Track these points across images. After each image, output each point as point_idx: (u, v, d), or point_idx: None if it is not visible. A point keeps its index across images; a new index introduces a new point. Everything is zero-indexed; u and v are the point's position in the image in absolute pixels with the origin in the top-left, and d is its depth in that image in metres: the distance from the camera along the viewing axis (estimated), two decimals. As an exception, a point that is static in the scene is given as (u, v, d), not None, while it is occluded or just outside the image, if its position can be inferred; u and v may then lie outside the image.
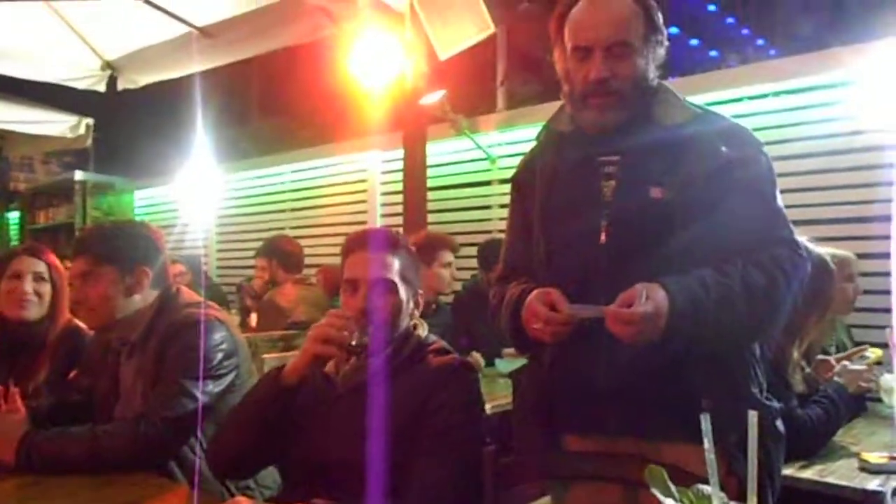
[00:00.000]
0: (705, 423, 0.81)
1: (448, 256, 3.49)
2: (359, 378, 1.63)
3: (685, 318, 1.25)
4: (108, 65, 4.61)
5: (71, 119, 5.51)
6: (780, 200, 1.44)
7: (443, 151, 4.76)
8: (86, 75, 4.62)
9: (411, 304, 1.68)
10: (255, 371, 2.08)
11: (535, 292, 1.39)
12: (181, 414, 1.71)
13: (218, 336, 1.85)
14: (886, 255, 2.96)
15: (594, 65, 1.40)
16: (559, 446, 1.48)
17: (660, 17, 1.45)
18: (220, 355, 1.83)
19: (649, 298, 1.24)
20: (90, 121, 5.60)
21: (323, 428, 1.62)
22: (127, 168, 7.81)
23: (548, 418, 1.46)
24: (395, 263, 1.64)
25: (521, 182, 1.60)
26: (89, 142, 5.78)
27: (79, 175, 7.38)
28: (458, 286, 3.83)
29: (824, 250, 2.16)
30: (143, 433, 1.66)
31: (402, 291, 1.64)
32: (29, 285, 2.25)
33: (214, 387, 1.80)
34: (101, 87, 4.68)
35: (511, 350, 2.87)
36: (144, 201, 7.56)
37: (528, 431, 1.51)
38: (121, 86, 4.66)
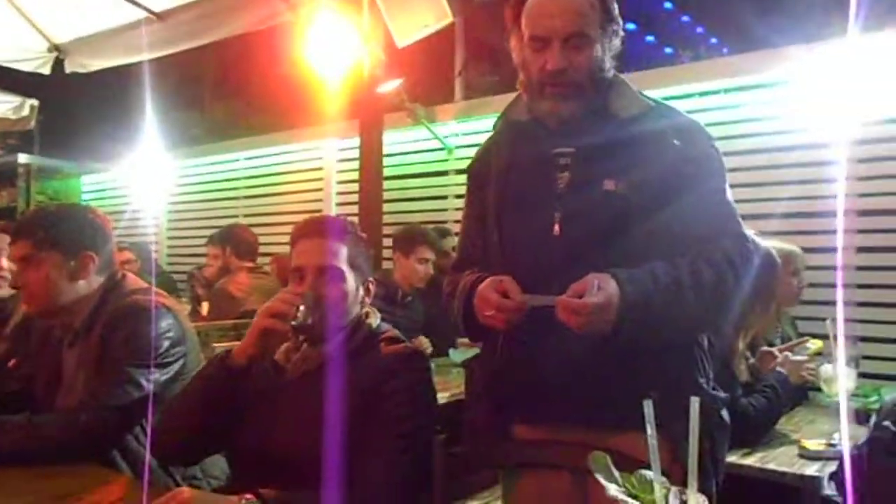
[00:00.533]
0: (647, 409, 0.81)
1: (427, 252, 3.53)
2: (309, 366, 1.62)
3: (635, 310, 1.27)
4: (55, 47, 4.46)
5: (14, 100, 5.31)
6: (730, 194, 1.46)
7: (399, 140, 4.74)
8: (31, 57, 4.47)
9: (361, 292, 1.66)
10: (204, 360, 2.03)
11: (487, 280, 1.39)
12: (125, 402, 1.67)
13: (165, 323, 1.81)
14: (831, 250, 3.05)
15: (552, 55, 1.40)
16: (509, 435, 1.48)
17: (616, 8, 1.46)
18: (166, 343, 1.79)
19: (601, 289, 1.25)
20: (34, 102, 5.40)
21: (272, 416, 1.59)
22: (74, 152, 7.58)
23: (498, 406, 1.47)
24: (343, 251, 1.62)
25: (477, 172, 1.60)
26: (33, 124, 5.57)
27: (22, 158, 7.13)
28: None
29: (770, 244, 2.22)
30: (83, 422, 1.62)
31: (351, 279, 1.62)
32: (5, 262, 2.17)
33: (160, 375, 1.75)
34: (47, 70, 4.53)
35: (465, 340, 2.89)
36: (92, 186, 7.36)
37: (479, 420, 1.52)
38: (69, 69, 4.52)
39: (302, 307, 1.50)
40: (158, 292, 1.94)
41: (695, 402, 0.79)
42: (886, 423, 1.42)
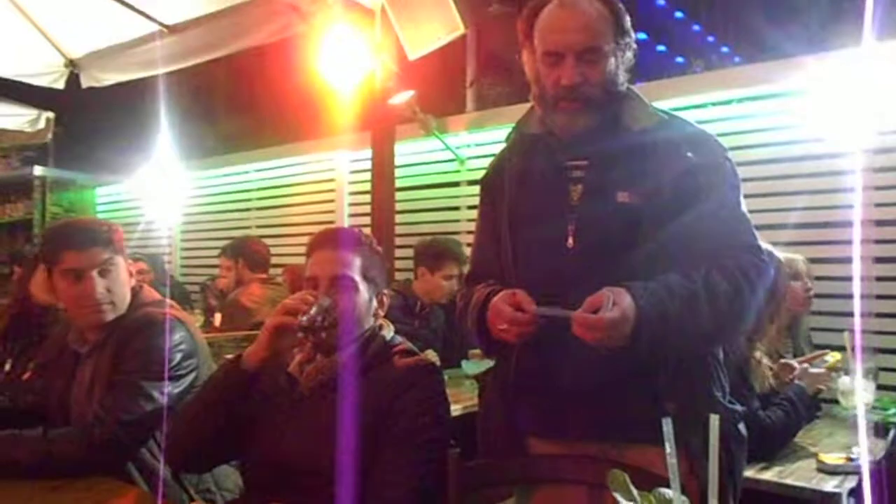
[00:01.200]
0: (667, 426, 0.80)
1: (453, 269, 3.41)
2: (322, 378, 1.61)
3: (651, 324, 1.26)
4: (70, 62, 4.51)
5: (30, 113, 5.37)
6: (745, 206, 1.45)
7: (411, 152, 4.74)
8: (47, 71, 4.52)
9: (374, 304, 1.66)
10: (217, 372, 2.03)
11: (500, 293, 1.38)
12: (138, 416, 1.67)
13: (178, 336, 1.82)
14: (846, 260, 3.02)
15: (566, 70, 1.39)
16: (524, 449, 1.47)
17: (628, 21, 1.46)
18: (179, 356, 1.79)
19: (616, 304, 1.24)
20: (50, 115, 5.46)
21: (285, 428, 1.59)
22: (89, 164, 7.64)
23: (512, 421, 1.46)
24: (357, 261, 1.62)
25: (490, 185, 1.60)
26: (49, 136, 5.64)
27: (38, 170, 7.19)
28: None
29: (782, 255, 2.20)
30: (97, 437, 1.62)
31: (364, 290, 1.62)
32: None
33: (173, 388, 1.76)
34: (62, 84, 4.58)
35: (477, 351, 2.87)
36: (106, 198, 7.41)
37: (493, 434, 1.51)
38: (84, 83, 4.56)
39: (314, 307, 1.49)
40: (171, 304, 1.95)
41: (714, 420, 0.78)
42: None
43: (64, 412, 1.84)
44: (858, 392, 1.93)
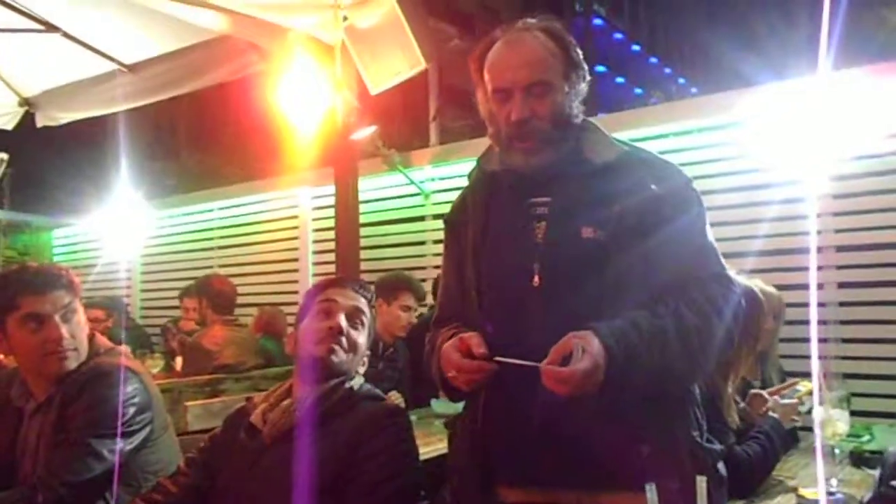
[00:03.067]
0: (651, 493, 0.75)
1: (409, 300, 3.42)
2: (285, 425, 1.54)
3: (620, 366, 1.21)
4: (25, 101, 4.40)
5: (-19, 154, 5.22)
6: (711, 235, 1.43)
7: (375, 187, 4.71)
8: (0, 112, 4.40)
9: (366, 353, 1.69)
10: (171, 423, 1.93)
11: (451, 339, 1.33)
12: (87, 477, 1.57)
13: (130, 388, 1.72)
14: (805, 286, 3.03)
15: (514, 106, 1.38)
16: (495, 498, 1.40)
17: (578, 53, 1.44)
18: (132, 410, 1.70)
19: (585, 352, 1.19)
20: (3, 156, 5.31)
21: (247, 482, 1.51)
22: (44, 206, 7.46)
23: (482, 469, 1.39)
24: (366, 308, 1.69)
25: (454, 223, 1.56)
26: (2, 177, 5.48)
27: (-9, 213, 7.00)
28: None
29: (752, 283, 2.19)
30: (41, 501, 1.51)
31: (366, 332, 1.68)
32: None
33: (125, 444, 1.66)
34: (12, 125, 4.46)
35: (447, 390, 2.79)
36: (63, 240, 7.21)
37: (463, 483, 1.44)
38: (40, 123, 4.46)
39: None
40: (123, 353, 1.85)
41: (702, 483, 0.73)
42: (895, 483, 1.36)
43: (7, 474, 1.72)
44: (816, 424, 1.89)
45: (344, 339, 1.60)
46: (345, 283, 1.72)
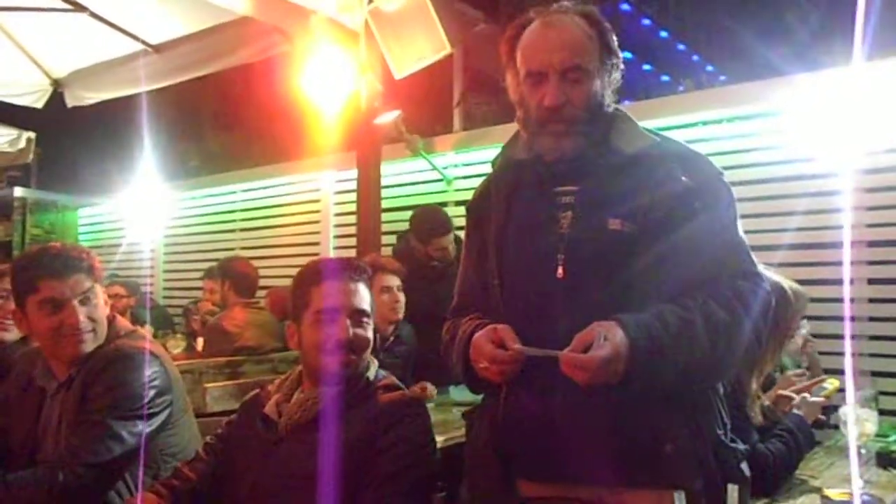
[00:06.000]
0: (679, 501, 0.72)
1: (386, 280, 3.13)
2: (301, 417, 1.53)
3: (644, 358, 1.19)
4: (54, 81, 4.46)
5: (11, 133, 5.28)
6: (741, 230, 1.39)
7: (398, 172, 4.68)
8: (30, 91, 4.45)
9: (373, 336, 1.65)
10: (190, 406, 1.94)
11: (482, 330, 1.31)
12: (107, 459, 1.57)
13: (151, 371, 1.72)
14: (839, 282, 2.97)
15: (549, 90, 1.34)
16: (514, 492, 1.38)
17: (614, 41, 1.40)
18: (152, 392, 1.70)
19: (607, 340, 1.17)
20: (31, 135, 5.37)
21: (263, 473, 1.51)
22: (71, 185, 7.54)
23: (501, 462, 1.37)
24: (367, 295, 1.63)
25: (477, 211, 1.53)
26: (31, 157, 5.54)
27: (18, 192, 7.06)
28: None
29: (780, 278, 2.14)
30: (60, 482, 1.52)
31: (371, 325, 1.62)
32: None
33: (145, 427, 1.66)
34: (43, 104, 4.52)
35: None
36: (88, 220, 7.29)
37: (482, 476, 1.42)
38: (69, 102, 4.51)
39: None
40: (144, 336, 1.85)
41: (733, 492, 0.70)
42: None
43: (29, 454, 1.73)
44: (850, 424, 1.85)
45: (353, 346, 1.55)
46: (337, 273, 1.60)
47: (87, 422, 1.62)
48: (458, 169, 4.53)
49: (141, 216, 6.11)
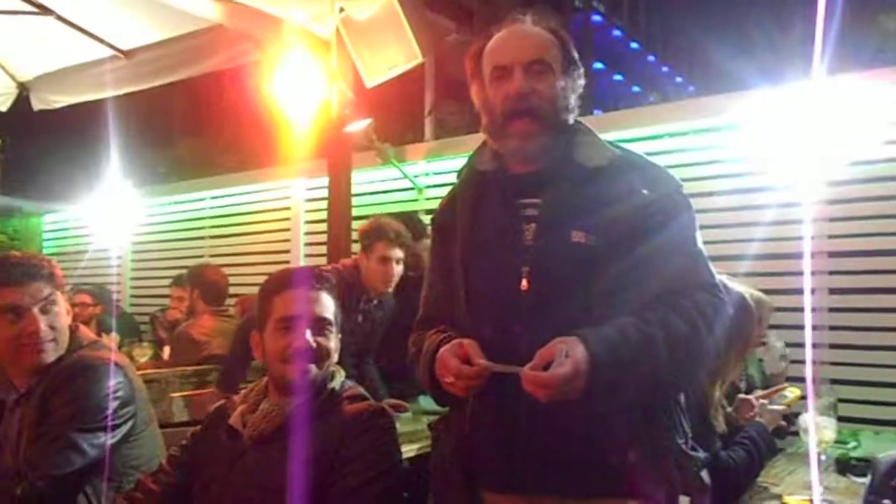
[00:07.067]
0: None
1: (386, 250, 2.97)
2: (266, 427, 1.52)
3: (606, 375, 1.20)
4: (21, 85, 4.37)
5: (-28, 137, 5.18)
6: (701, 242, 1.42)
7: (369, 180, 4.68)
8: (-5, 94, 4.37)
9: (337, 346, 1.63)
10: (155, 417, 1.91)
11: (448, 345, 1.32)
12: (67, 471, 1.54)
13: (114, 382, 1.70)
14: (800, 291, 3.03)
15: (514, 80, 1.38)
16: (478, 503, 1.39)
17: (576, 53, 1.45)
18: (115, 403, 1.68)
19: (568, 357, 1.18)
20: (-6, 139, 5.27)
21: (228, 485, 1.49)
22: (35, 191, 7.40)
23: (467, 474, 1.38)
24: (331, 304, 1.60)
25: (442, 223, 1.54)
26: (-6, 161, 5.43)
27: (-20, 197, 6.94)
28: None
29: (743, 288, 2.18)
30: (18, 496, 1.49)
31: (335, 333, 1.60)
32: None
33: (107, 438, 1.64)
34: (7, 108, 4.43)
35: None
36: (53, 226, 7.15)
37: (446, 487, 1.42)
38: (35, 107, 4.42)
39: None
40: (107, 346, 1.83)
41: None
42: (887, 501, 1.35)
43: (-13, 467, 1.70)
44: (811, 429, 1.89)
45: (314, 355, 1.54)
46: (301, 282, 1.59)
47: (47, 434, 1.59)
48: (429, 178, 4.55)
49: (108, 223, 6.01)
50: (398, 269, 3.02)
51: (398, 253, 2.99)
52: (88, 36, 3.76)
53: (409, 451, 2.29)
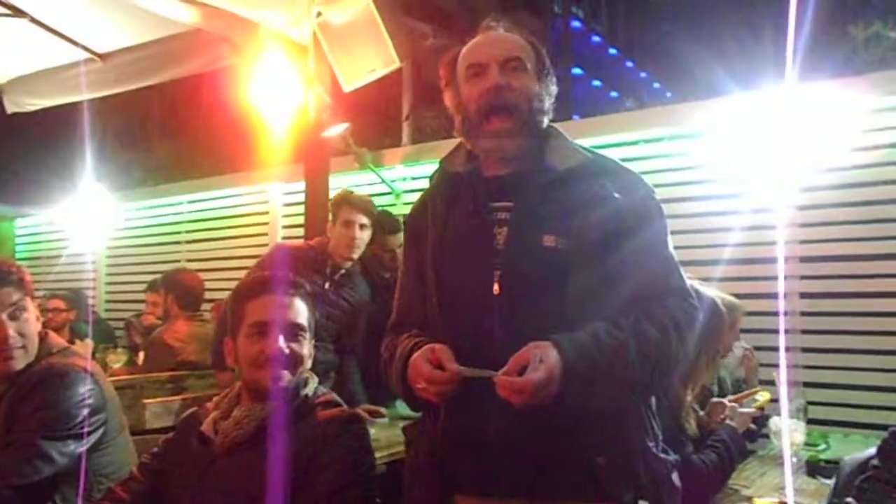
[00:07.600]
0: None
1: (348, 214, 3.00)
2: (239, 434, 1.51)
3: (579, 381, 1.22)
4: (-6, 87, 4.31)
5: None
6: (672, 247, 1.43)
7: (347, 185, 4.66)
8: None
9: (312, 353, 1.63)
10: (126, 425, 1.89)
11: (420, 350, 1.32)
12: (34, 480, 1.52)
13: (83, 389, 1.68)
14: (773, 296, 3.07)
15: (490, 76, 1.40)
16: (450, 507, 1.39)
17: (548, 62, 1.47)
18: (85, 411, 1.66)
19: (542, 362, 1.19)
20: (-35, 143, 5.18)
21: (200, 492, 1.48)
22: (7, 194, 7.29)
23: (440, 478, 1.38)
24: (304, 310, 1.60)
25: (415, 225, 1.54)
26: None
27: (-49, 201, 6.81)
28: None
29: (714, 293, 2.21)
30: (-16, 505, 1.47)
31: (308, 339, 1.60)
32: None
33: (77, 447, 1.62)
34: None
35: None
36: (26, 230, 7.04)
37: (419, 491, 1.43)
38: (9, 110, 4.36)
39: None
40: (77, 353, 1.81)
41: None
42: (850, 500, 1.37)
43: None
44: (785, 434, 1.92)
45: (287, 361, 1.53)
46: (274, 287, 1.58)
47: (15, 442, 1.57)
48: (406, 182, 4.55)
49: (82, 227, 5.93)
50: (362, 236, 3.04)
51: (362, 218, 3.02)
52: (63, 39, 3.72)
53: (385, 456, 2.28)
